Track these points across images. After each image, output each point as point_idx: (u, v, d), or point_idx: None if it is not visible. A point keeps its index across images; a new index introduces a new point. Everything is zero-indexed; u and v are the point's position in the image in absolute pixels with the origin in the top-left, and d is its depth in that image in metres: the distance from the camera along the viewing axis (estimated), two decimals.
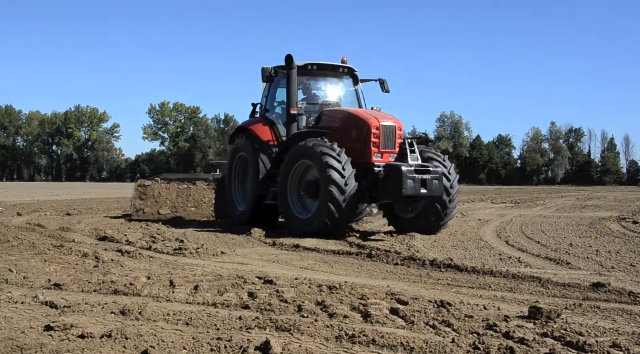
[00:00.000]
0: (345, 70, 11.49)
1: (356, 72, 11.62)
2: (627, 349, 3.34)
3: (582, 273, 6.10)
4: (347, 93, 11.70)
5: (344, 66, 11.46)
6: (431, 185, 9.24)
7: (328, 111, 10.81)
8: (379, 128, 9.73)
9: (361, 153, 9.69)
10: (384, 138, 9.79)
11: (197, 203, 13.68)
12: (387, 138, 9.83)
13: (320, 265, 6.72)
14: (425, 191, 9.20)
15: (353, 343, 3.43)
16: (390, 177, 9.18)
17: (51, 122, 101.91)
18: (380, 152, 9.79)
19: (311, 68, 11.09)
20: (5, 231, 9.26)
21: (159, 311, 4.12)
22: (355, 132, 9.91)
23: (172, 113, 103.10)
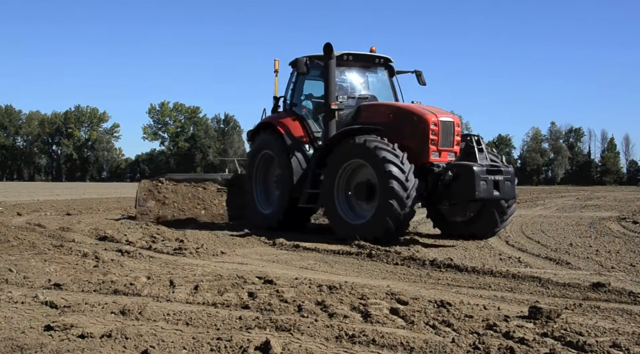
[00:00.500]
0: (381, 60, 10.73)
1: (392, 62, 10.86)
2: (627, 349, 3.34)
3: (582, 273, 6.10)
4: (382, 86, 10.88)
5: (380, 56, 10.67)
6: (504, 187, 8.48)
7: (369, 106, 10.03)
8: (437, 125, 8.90)
9: (417, 151, 8.82)
10: (443, 135, 8.95)
11: (207, 204, 12.83)
12: (446, 135, 9.00)
13: (320, 265, 6.72)
14: (497, 194, 8.45)
15: (353, 343, 3.43)
16: (459, 178, 8.36)
17: (51, 122, 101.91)
18: (438, 151, 8.94)
19: (347, 58, 10.25)
20: (5, 231, 9.25)
21: (159, 311, 4.12)
22: (410, 128, 9.06)
23: (172, 113, 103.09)
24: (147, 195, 12.43)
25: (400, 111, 9.45)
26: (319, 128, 10.30)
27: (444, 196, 8.70)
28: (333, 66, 9.51)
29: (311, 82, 10.84)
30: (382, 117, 9.51)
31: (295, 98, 10.86)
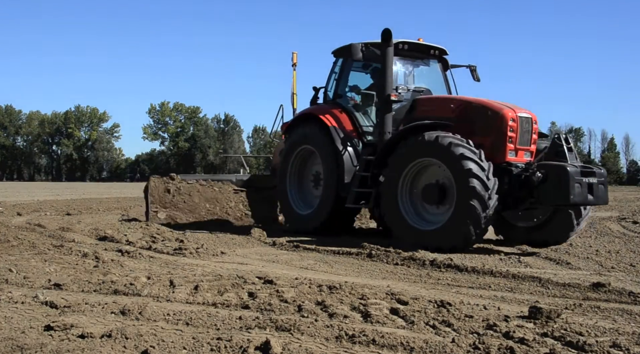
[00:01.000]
0: (436, 52, 9.92)
1: (447, 54, 10.10)
2: (627, 349, 3.34)
3: (582, 273, 6.10)
4: (435, 80, 10.07)
5: (436, 47, 9.88)
6: (597, 191, 7.64)
7: (427, 99, 9.25)
8: (515, 121, 8.09)
9: (493, 150, 7.97)
10: (521, 132, 8.13)
11: (223, 206, 11.98)
12: (524, 132, 8.19)
13: (320, 265, 6.72)
14: (591, 199, 7.60)
15: (353, 343, 3.43)
16: (549, 179, 7.51)
17: (51, 122, 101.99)
18: (515, 149, 8.14)
19: (402, 47, 9.38)
20: (5, 231, 9.25)
21: (159, 311, 4.12)
22: (483, 124, 8.22)
23: (172, 113, 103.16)
24: (159, 195, 11.62)
25: (471, 105, 8.55)
26: (367, 122, 9.63)
27: (526, 200, 7.85)
28: (391, 53, 8.67)
29: (355, 73, 10.17)
30: (445, 111, 8.65)
31: (340, 90, 10.03)
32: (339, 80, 10.08)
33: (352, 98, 9.96)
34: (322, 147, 9.66)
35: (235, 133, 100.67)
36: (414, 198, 8.30)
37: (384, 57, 8.70)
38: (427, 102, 9.16)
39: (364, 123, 9.64)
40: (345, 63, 10.08)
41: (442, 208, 8.01)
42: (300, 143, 10.14)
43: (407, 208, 8.27)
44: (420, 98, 9.23)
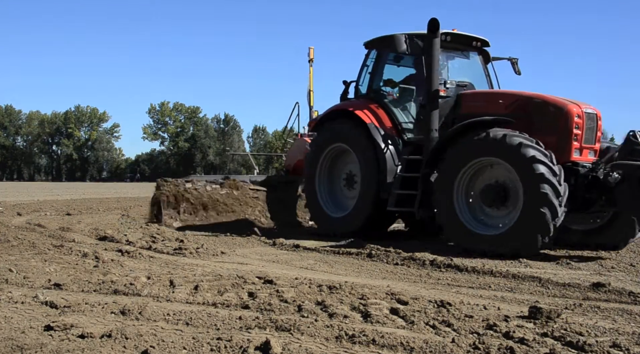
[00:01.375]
0: (478, 43, 9.33)
1: (489, 46, 9.50)
2: (627, 349, 3.34)
3: (582, 273, 6.10)
4: (476, 73, 9.45)
5: (479, 38, 9.29)
6: None
7: (475, 94, 8.69)
8: (581, 117, 7.56)
9: (556, 149, 7.34)
10: (587, 130, 7.59)
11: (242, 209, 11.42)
12: (589, 130, 7.64)
13: (320, 265, 6.72)
14: None
15: (353, 343, 3.43)
16: (629, 181, 6.96)
17: (51, 122, 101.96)
18: (580, 148, 7.59)
19: (445, 38, 8.69)
20: (5, 231, 9.26)
21: (159, 311, 4.12)
22: (545, 121, 7.67)
23: (172, 113, 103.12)
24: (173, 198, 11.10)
25: (531, 101, 7.93)
26: (407, 119, 9.05)
27: (595, 203, 7.33)
28: (438, 45, 8.03)
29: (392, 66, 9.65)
30: (497, 107, 8.05)
31: (375, 84, 9.41)
32: (374, 73, 9.45)
33: (389, 93, 9.34)
34: (358, 145, 9.07)
35: (235, 133, 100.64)
36: (470, 199, 7.71)
37: (430, 48, 8.00)
38: (474, 97, 8.56)
39: (402, 119, 9.05)
40: (380, 56, 9.49)
41: (503, 211, 7.46)
42: (332, 141, 9.55)
43: (463, 210, 7.67)
44: (466, 94, 8.62)
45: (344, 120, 9.28)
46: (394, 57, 9.46)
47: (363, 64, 9.69)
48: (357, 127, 8.99)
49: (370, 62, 9.61)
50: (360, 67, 9.70)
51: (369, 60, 9.64)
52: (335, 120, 9.51)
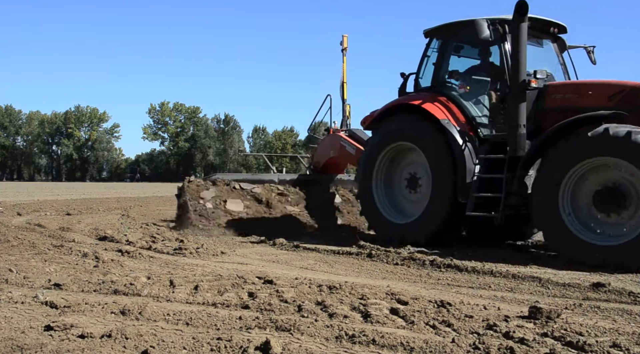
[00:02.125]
0: (555, 30, 8.45)
1: (566, 33, 8.64)
2: (627, 349, 3.34)
3: (582, 273, 6.09)
4: (552, 63, 8.50)
5: (557, 24, 8.43)
6: None
7: (565, 86, 7.76)
8: None
9: None
10: None
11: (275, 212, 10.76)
12: None
13: (320, 265, 6.72)
14: None
15: (353, 343, 3.43)
16: None
17: (51, 122, 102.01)
18: None
19: None
20: (5, 231, 9.26)
21: (159, 311, 4.12)
22: None
23: (172, 113, 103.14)
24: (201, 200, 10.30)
25: None
26: (480, 113, 8.22)
27: None
28: (525, 31, 7.15)
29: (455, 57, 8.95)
30: (593, 100, 7.21)
31: (441, 76, 8.62)
32: (439, 64, 8.62)
33: (461, 85, 8.47)
34: (427, 143, 8.22)
35: (235, 133, 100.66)
36: (577, 204, 6.84)
37: (518, 34, 7.15)
38: (563, 88, 7.65)
39: (475, 113, 8.18)
40: (445, 45, 8.70)
41: (622, 218, 6.57)
42: (393, 139, 8.70)
43: (570, 217, 6.79)
44: (553, 85, 7.71)
45: (409, 116, 8.44)
46: (454, 47, 8.81)
47: (423, 55, 8.90)
48: (426, 123, 8.15)
49: (432, 52, 8.84)
50: (420, 58, 8.92)
51: (430, 50, 8.86)
52: (398, 117, 8.64)
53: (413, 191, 8.70)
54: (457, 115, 8.10)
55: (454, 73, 8.68)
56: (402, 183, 8.86)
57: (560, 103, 7.46)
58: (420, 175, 8.60)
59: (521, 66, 7.20)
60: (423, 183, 8.55)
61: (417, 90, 8.85)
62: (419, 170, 8.61)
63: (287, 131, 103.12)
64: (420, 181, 8.59)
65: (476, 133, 8.07)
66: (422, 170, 8.53)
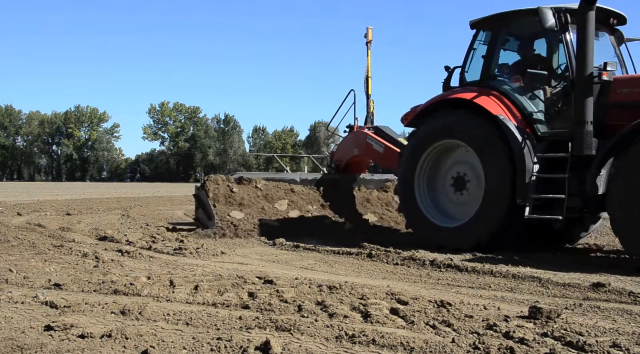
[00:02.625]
0: (614, 21, 7.86)
1: (625, 24, 8.09)
2: (627, 349, 3.34)
3: (582, 273, 6.09)
4: (608, 57, 7.87)
5: (617, 14, 7.85)
6: None
7: (633, 80, 7.26)
8: None
9: None
10: None
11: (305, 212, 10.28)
12: None
13: (320, 265, 6.72)
14: None
15: (353, 343, 3.43)
16: None
17: (51, 122, 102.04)
18: None
19: None
20: (5, 231, 9.26)
21: (159, 311, 4.12)
22: None
23: (172, 113, 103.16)
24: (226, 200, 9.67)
25: None
26: (535, 108, 7.65)
27: None
28: (593, 20, 6.73)
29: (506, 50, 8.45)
30: None
31: (491, 69, 8.08)
32: (489, 57, 8.08)
33: (516, 78, 7.92)
34: (481, 141, 7.64)
35: (235, 133, 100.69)
36: None
37: (585, 24, 6.73)
38: (631, 82, 7.14)
39: (531, 109, 7.62)
40: (496, 36, 8.16)
41: None
42: (439, 137, 8.15)
43: None
44: (620, 78, 7.22)
45: (457, 111, 7.91)
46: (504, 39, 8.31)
47: (470, 47, 8.40)
48: (478, 119, 7.62)
49: (478, 44, 8.36)
50: (466, 51, 8.43)
51: (477, 43, 8.40)
52: (444, 113, 8.11)
53: (459, 192, 8.13)
54: (512, 110, 7.57)
55: (504, 66, 8.22)
56: (446, 184, 8.30)
57: (627, 98, 6.93)
58: (468, 175, 8.04)
59: (588, 58, 6.77)
60: (472, 184, 7.98)
61: (462, 84, 8.36)
62: (467, 170, 8.06)
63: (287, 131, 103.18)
64: (469, 181, 8.03)
65: (533, 130, 7.50)
66: (471, 169, 8.00)
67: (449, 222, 8.06)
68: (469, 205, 7.92)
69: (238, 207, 9.70)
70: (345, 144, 11.55)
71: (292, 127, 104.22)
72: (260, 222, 9.54)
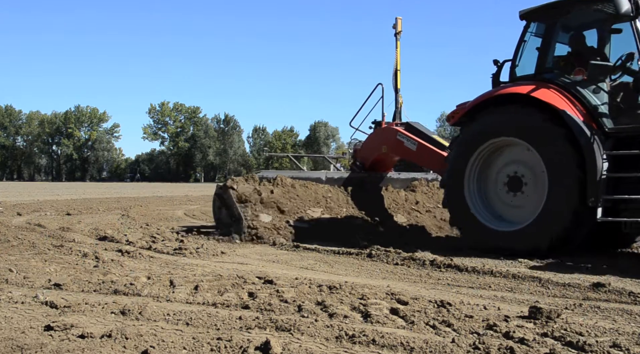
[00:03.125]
0: None
1: None
2: (627, 349, 3.34)
3: (582, 273, 6.09)
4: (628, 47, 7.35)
5: None
6: None
7: None
8: None
9: None
10: None
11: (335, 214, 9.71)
12: None
13: (320, 265, 6.72)
14: None
15: (353, 343, 3.43)
16: None
17: (51, 122, 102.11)
18: None
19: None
20: (5, 231, 9.26)
21: (159, 311, 4.12)
22: None
23: (172, 113, 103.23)
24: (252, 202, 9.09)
25: None
26: (599, 102, 7.07)
27: None
28: None
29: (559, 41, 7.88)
30: None
31: (547, 62, 7.58)
32: (545, 49, 7.59)
33: (578, 70, 7.38)
34: (543, 138, 7.11)
35: (235, 133, 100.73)
36: None
37: None
38: None
39: (595, 102, 7.06)
40: (552, 27, 7.65)
41: None
42: (494, 134, 7.60)
43: None
44: None
45: (512, 107, 7.39)
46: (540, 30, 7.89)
47: (520, 40, 7.92)
48: (539, 116, 7.13)
49: (529, 36, 7.90)
50: (516, 44, 7.95)
51: (528, 34, 7.91)
52: (492, 109, 7.60)
53: (514, 193, 7.59)
54: (576, 105, 7.04)
55: (560, 58, 7.71)
56: (498, 185, 7.77)
57: None
58: (525, 175, 7.49)
59: None
60: (529, 184, 7.45)
61: (512, 79, 7.88)
62: (523, 170, 7.51)
63: (287, 131, 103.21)
64: (525, 182, 7.49)
65: (599, 125, 6.93)
66: (528, 169, 7.46)
67: (501, 225, 7.55)
68: (524, 207, 7.43)
69: (265, 209, 9.14)
70: (371, 141, 10.93)
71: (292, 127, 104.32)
72: (290, 225, 9.07)
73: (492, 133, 7.62)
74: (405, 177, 11.40)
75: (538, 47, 7.70)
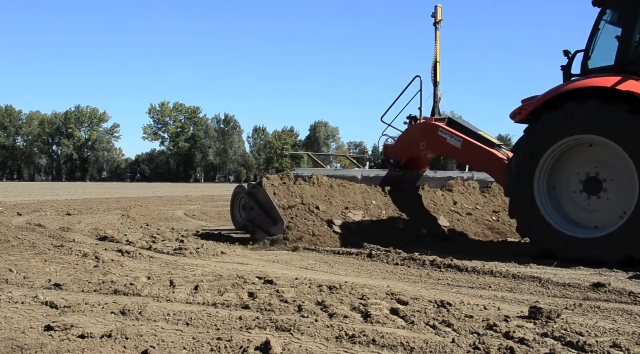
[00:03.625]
0: None
1: None
2: (627, 349, 3.34)
3: (582, 273, 6.09)
4: None
5: None
6: None
7: None
8: None
9: None
10: None
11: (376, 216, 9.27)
12: None
13: (320, 265, 6.72)
14: None
15: (353, 343, 3.42)
16: None
17: (51, 122, 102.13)
18: None
19: None
20: (5, 231, 9.26)
21: (159, 311, 4.11)
22: None
23: (172, 113, 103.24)
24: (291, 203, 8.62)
25: None
26: None
27: None
28: None
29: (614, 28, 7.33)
30: None
31: (631, 52, 6.94)
32: (628, 37, 6.95)
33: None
34: (631, 134, 6.48)
35: (235, 133, 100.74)
36: None
37: None
38: None
39: None
40: (635, 13, 7.02)
41: None
42: (568, 132, 7.01)
43: None
44: None
45: (591, 102, 6.75)
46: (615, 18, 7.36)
47: (594, 28, 7.32)
48: (625, 110, 6.52)
49: (604, 24, 7.36)
50: (590, 33, 7.34)
51: (602, 23, 7.36)
52: (575, 104, 6.93)
53: (591, 197, 7.02)
54: None
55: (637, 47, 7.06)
56: (571, 187, 7.20)
57: None
58: (604, 176, 6.93)
59: None
60: (611, 187, 6.87)
61: (585, 71, 7.30)
62: (603, 171, 6.95)
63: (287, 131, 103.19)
64: (605, 184, 6.92)
65: None
66: (608, 170, 6.91)
67: (580, 231, 6.95)
68: (605, 211, 6.88)
69: (305, 212, 8.67)
70: (407, 137, 10.27)
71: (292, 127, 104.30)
72: (333, 230, 8.59)
73: (566, 130, 7.00)
74: (441, 176, 10.84)
75: (618, 36, 7.06)
